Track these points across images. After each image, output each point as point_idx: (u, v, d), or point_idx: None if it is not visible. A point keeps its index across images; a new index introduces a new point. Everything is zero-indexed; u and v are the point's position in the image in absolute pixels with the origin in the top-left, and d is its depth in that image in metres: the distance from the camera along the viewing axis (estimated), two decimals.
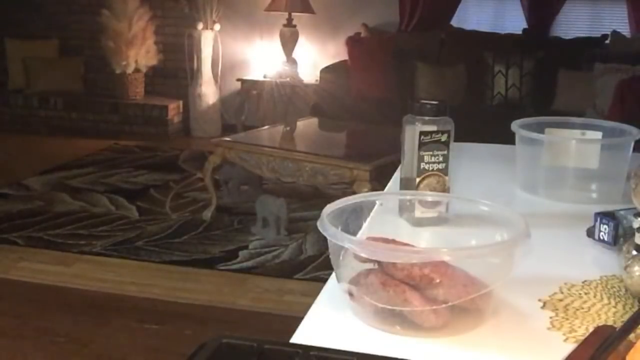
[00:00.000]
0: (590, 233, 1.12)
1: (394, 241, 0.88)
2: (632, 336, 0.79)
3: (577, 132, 1.42)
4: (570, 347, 0.81)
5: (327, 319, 0.88)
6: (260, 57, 6.35)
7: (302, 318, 0.90)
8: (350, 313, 0.88)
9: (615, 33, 5.42)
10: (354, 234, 0.95)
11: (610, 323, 0.87)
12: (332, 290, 0.94)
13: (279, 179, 4.09)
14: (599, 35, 5.47)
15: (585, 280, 1.00)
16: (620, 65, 4.88)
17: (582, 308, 0.91)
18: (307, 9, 5.85)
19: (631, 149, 1.36)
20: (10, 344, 2.85)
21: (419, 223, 1.13)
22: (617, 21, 5.61)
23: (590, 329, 0.84)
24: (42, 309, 3.14)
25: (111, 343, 2.87)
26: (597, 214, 1.10)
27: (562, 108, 4.87)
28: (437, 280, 0.82)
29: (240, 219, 4.26)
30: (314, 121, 4.95)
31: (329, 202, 0.96)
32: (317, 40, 6.25)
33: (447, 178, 1.22)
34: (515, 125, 1.41)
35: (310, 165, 3.83)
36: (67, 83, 6.64)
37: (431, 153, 1.19)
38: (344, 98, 5.26)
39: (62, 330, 2.94)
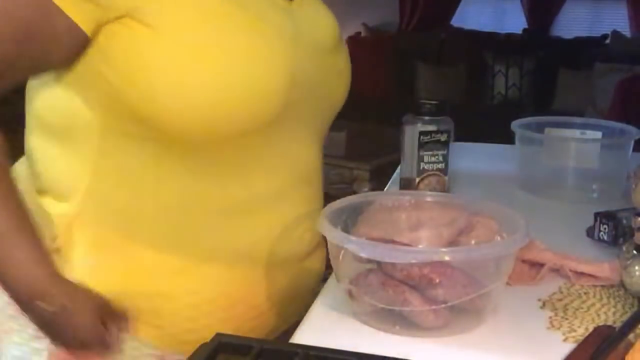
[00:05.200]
0: (590, 233, 1.12)
1: (393, 241, 0.88)
2: (631, 336, 0.79)
3: (577, 132, 1.42)
4: (569, 346, 0.81)
5: (327, 319, 0.89)
6: None
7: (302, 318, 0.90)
8: (350, 313, 0.88)
9: (615, 33, 5.42)
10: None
11: (609, 323, 0.87)
12: (332, 290, 0.94)
13: None
14: (599, 35, 5.47)
15: None
16: (620, 65, 4.88)
17: (582, 308, 0.91)
18: None
19: (631, 149, 1.36)
20: None
21: None
22: (617, 21, 5.60)
23: (590, 329, 0.85)
24: None
25: None
26: (597, 214, 1.10)
27: (562, 108, 4.86)
28: (437, 281, 0.82)
29: None
30: None
31: (329, 202, 0.96)
32: None
33: (446, 178, 1.22)
34: (515, 125, 1.41)
35: None
36: None
37: (431, 153, 1.19)
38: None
39: None
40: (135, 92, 0.84)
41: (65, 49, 0.84)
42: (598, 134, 1.40)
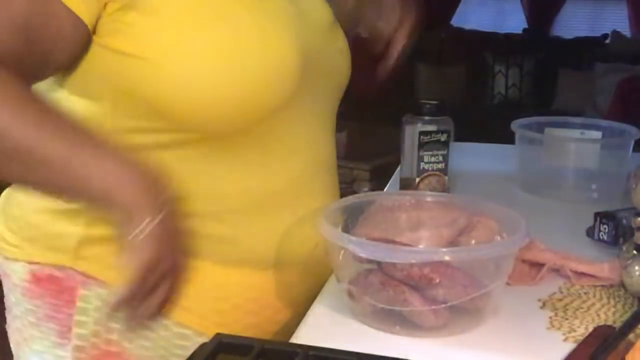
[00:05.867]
0: (590, 233, 1.12)
1: (393, 241, 0.88)
2: (631, 336, 0.79)
3: (576, 132, 1.42)
4: (569, 346, 0.81)
5: (327, 319, 0.89)
6: None
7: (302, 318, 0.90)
8: (350, 313, 0.88)
9: (615, 33, 5.42)
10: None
11: (609, 323, 0.87)
12: (332, 290, 0.94)
13: None
14: (599, 35, 5.48)
15: None
16: (620, 65, 4.88)
17: (582, 308, 0.91)
18: None
19: (631, 149, 1.36)
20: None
21: None
22: (617, 21, 5.61)
23: (590, 329, 0.85)
24: None
25: None
26: (597, 214, 1.10)
27: (562, 108, 4.87)
28: (437, 281, 0.82)
29: None
30: None
31: None
32: None
33: (446, 178, 1.22)
34: (515, 125, 1.41)
35: None
36: None
37: (431, 153, 1.19)
38: (343, 98, 5.24)
39: None
40: (147, 86, 0.82)
41: (71, 44, 0.82)
42: (598, 134, 1.40)
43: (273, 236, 0.93)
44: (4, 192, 0.98)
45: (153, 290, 0.83)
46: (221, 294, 0.92)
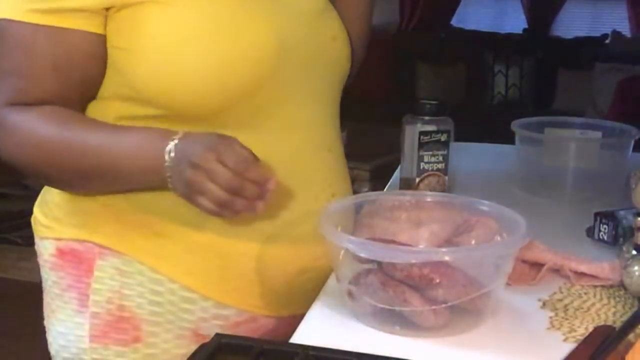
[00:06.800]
0: (589, 233, 1.12)
1: (393, 241, 0.88)
2: (631, 336, 0.79)
3: (576, 132, 1.42)
4: (569, 346, 0.81)
5: (327, 319, 0.89)
6: None
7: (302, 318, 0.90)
8: (350, 313, 0.88)
9: (615, 33, 5.42)
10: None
11: (609, 323, 0.87)
12: (332, 290, 0.94)
13: None
14: (599, 35, 5.47)
15: None
16: (620, 65, 4.87)
17: (582, 308, 0.91)
18: None
19: (631, 149, 1.36)
20: (10, 344, 2.85)
21: None
22: (617, 21, 5.60)
23: (590, 329, 0.85)
24: (42, 309, 3.13)
25: None
26: (597, 214, 1.10)
27: (562, 108, 4.86)
28: (437, 281, 0.82)
29: None
30: None
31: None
32: None
33: (446, 178, 1.22)
34: (515, 125, 1.41)
35: None
36: None
37: (431, 153, 1.19)
38: (343, 98, 5.24)
39: None
40: (131, 74, 0.89)
41: (98, 58, 0.90)
42: (598, 134, 1.40)
43: (274, 209, 0.95)
44: (45, 187, 1.06)
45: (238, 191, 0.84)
46: (224, 262, 0.96)
